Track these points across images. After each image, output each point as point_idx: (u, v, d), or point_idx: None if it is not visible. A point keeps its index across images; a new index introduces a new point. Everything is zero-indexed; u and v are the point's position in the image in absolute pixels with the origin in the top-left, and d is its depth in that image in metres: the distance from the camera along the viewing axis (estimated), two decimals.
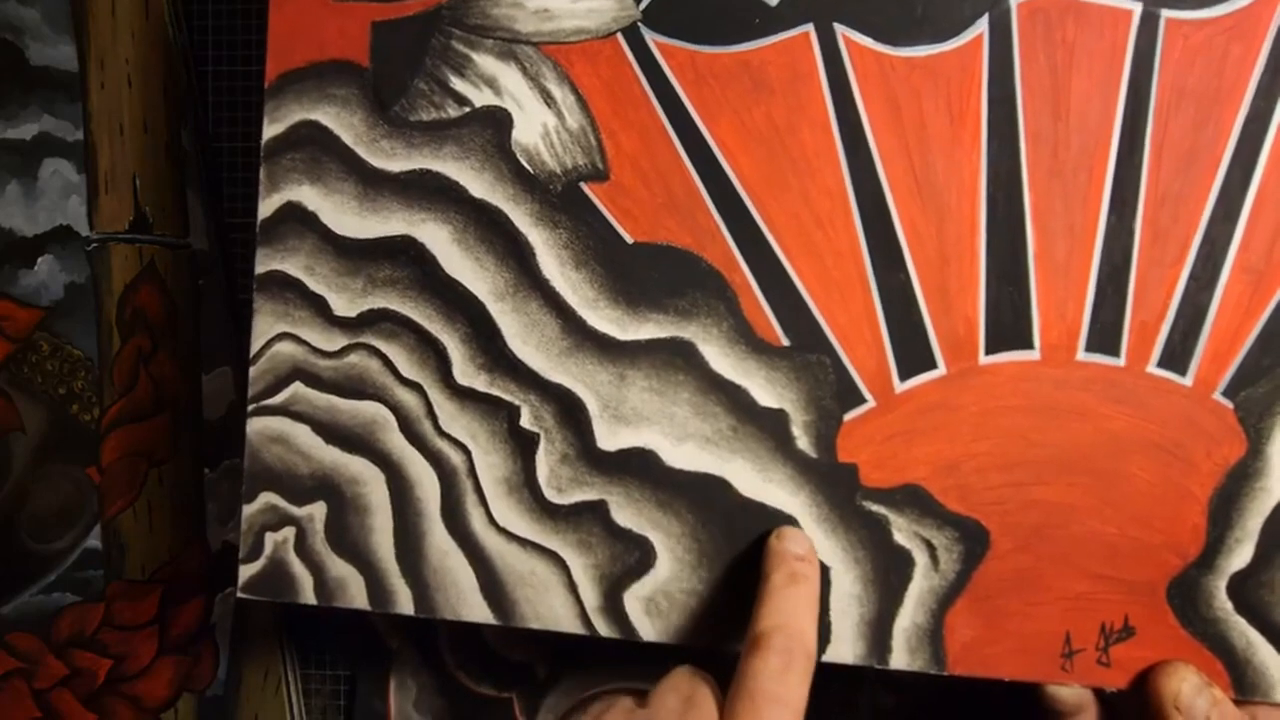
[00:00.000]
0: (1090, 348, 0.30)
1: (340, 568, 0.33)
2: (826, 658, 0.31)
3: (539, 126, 0.32)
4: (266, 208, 0.33)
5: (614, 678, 0.40)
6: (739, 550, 0.31)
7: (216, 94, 0.42)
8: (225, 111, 0.42)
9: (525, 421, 0.32)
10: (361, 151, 0.33)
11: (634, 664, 0.39)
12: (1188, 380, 0.29)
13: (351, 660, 0.41)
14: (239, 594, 0.34)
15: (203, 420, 0.41)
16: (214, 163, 0.41)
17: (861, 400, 0.31)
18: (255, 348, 0.34)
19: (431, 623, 0.39)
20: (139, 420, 0.40)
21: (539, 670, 0.40)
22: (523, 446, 0.32)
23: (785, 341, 0.31)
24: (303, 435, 0.33)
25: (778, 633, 0.28)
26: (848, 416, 0.31)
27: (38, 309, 0.40)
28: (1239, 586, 0.29)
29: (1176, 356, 0.29)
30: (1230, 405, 0.29)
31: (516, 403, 0.32)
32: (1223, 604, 0.29)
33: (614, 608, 0.32)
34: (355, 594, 0.33)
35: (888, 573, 0.31)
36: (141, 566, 0.41)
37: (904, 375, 0.30)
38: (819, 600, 0.30)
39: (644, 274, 0.32)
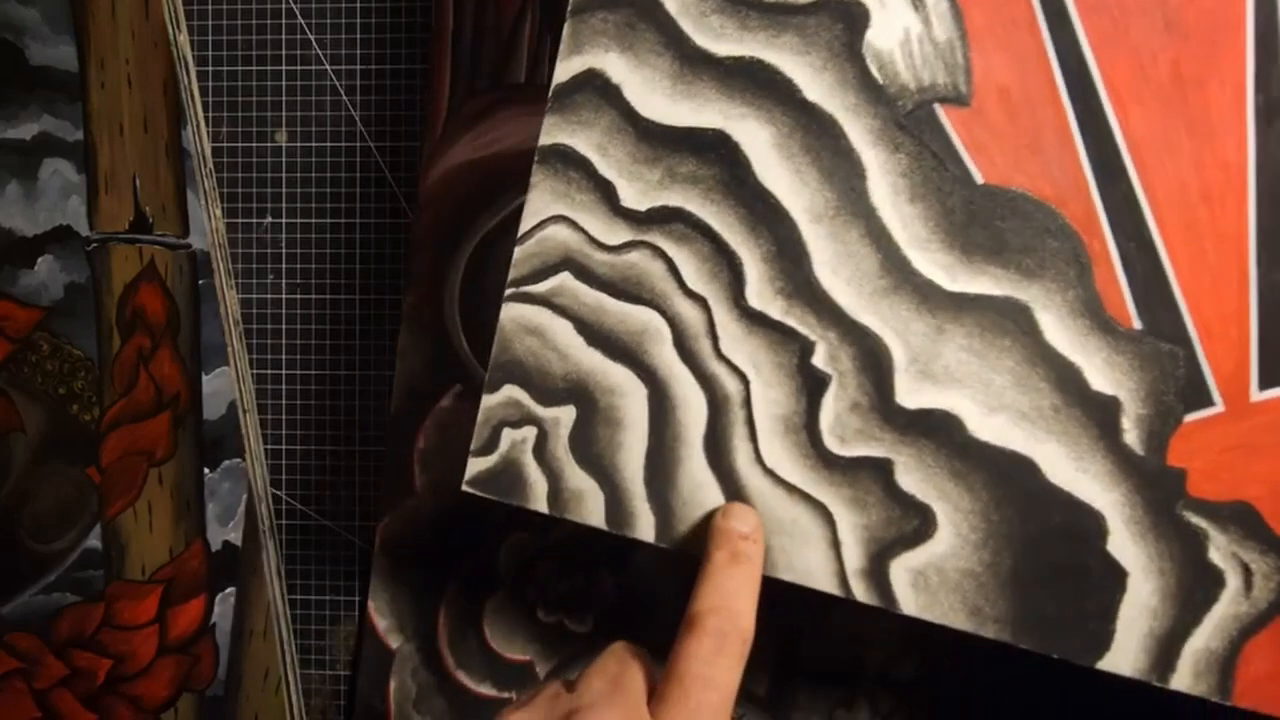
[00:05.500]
0: None
1: (581, 479, 0.31)
2: (1101, 665, 0.29)
3: (900, 31, 0.28)
4: (564, 71, 0.30)
5: None
6: (1032, 539, 0.29)
7: (216, 94, 0.41)
8: (225, 111, 0.41)
9: (818, 360, 0.29)
10: (686, 24, 0.29)
11: None
12: None
13: (351, 660, 0.41)
14: (464, 487, 0.31)
15: (203, 420, 0.40)
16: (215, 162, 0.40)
17: (1209, 403, 0.28)
18: (526, 226, 0.30)
19: (432, 622, 0.39)
20: (139, 420, 0.40)
21: (539, 670, 0.38)
22: (810, 386, 0.29)
23: (1137, 324, 0.28)
24: (563, 332, 0.30)
25: (713, 614, 0.27)
26: (1189, 418, 0.28)
27: (38, 309, 0.40)
28: None
29: None
30: None
31: (813, 338, 0.29)
32: None
33: (878, 573, 0.29)
34: (593, 509, 0.31)
35: (1192, 590, 0.28)
36: (141, 566, 0.41)
37: (1265, 384, 0.27)
38: (760, 581, 0.29)
39: (989, 221, 0.28)
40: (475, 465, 0.31)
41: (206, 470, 0.40)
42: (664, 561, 0.37)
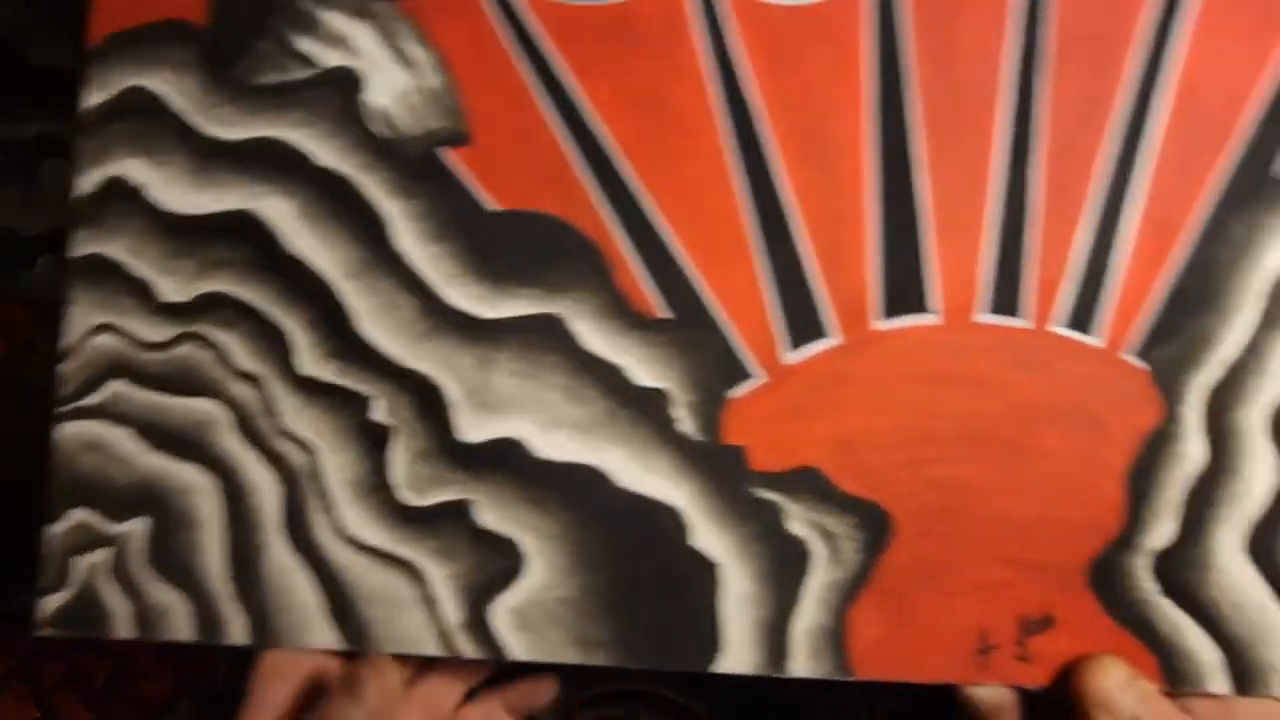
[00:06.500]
0: (992, 309, 0.27)
1: (163, 594, 0.29)
2: (718, 668, 0.27)
3: (394, 88, 0.29)
4: (85, 184, 0.30)
5: (613, 677, 0.38)
6: (619, 551, 0.28)
7: None
8: None
9: (378, 414, 0.29)
10: (196, 119, 0.30)
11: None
12: (1097, 340, 0.27)
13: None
14: (37, 633, 0.29)
15: None
16: None
17: (747, 375, 0.28)
18: (68, 341, 0.29)
19: None
20: None
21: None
22: (376, 443, 0.29)
23: (665, 314, 0.28)
24: (123, 440, 0.29)
25: None
26: (733, 394, 0.28)
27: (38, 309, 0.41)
28: (1163, 565, 0.27)
29: (1083, 315, 0.27)
30: (1143, 366, 0.27)
31: (368, 393, 0.29)
32: (1147, 586, 0.27)
33: (479, 623, 0.28)
34: (180, 624, 0.28)
35: (783, 567, 0.27)
36: None
37: (794, 345, 0.28)
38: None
39: (509, 245, 0.29)
40: (47, 604, 0.29)
41: None
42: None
